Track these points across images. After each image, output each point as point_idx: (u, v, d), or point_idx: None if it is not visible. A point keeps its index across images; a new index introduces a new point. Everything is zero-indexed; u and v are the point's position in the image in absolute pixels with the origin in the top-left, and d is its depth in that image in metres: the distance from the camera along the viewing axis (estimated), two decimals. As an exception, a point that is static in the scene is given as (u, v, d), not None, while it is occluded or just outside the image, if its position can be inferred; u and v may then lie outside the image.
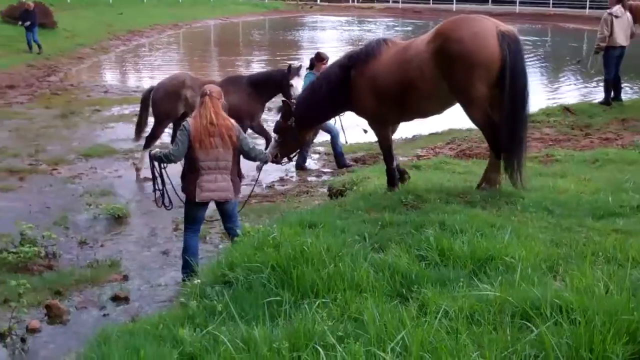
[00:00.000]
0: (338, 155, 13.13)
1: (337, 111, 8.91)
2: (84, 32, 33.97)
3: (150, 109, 12.33)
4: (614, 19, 15.55)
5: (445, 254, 5.56)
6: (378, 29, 48.70)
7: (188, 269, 7.17)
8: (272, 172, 12.51)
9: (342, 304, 4.73)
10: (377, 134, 8.69)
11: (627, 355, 3.54)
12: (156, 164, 7.70)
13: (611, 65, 15.87)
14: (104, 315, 6.84)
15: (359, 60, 8.15)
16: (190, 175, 7.32)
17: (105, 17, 40.20)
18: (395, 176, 8.51)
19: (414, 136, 15.88)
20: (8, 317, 6.35)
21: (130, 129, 16.13)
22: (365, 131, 15.51)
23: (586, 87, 23.08)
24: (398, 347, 3.77)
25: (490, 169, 7.85)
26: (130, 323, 5.66)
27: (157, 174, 7.79)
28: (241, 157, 7.70)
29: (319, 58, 12.90)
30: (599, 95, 18.39)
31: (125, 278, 7.75)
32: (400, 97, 7.84)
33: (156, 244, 8.83)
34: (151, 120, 12.46)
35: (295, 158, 10.47)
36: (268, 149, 9.32)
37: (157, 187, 7.91)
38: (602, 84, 17.48)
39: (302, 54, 32.36)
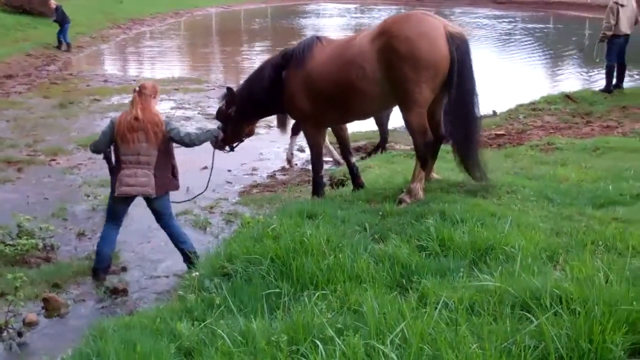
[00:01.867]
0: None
1: (274, 110, 8.69)
2: (83, 20, 33.84)
3: None
4: (619, 7, 15.64)
5: (445, 244, 5.54)
6: (386, 15, 48.48)
7: (100, 257, 7.40)
8: (274, 161, 12.52)
9: (342, 296, 4.71)
10: (308, 139, 8.39)
11: (626, 346, 3.52)
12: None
13: (614, 52, 15.96)
14: (102, 307, 6.81)
15: (291, 59, 7.80)
16: (116, 169, 7.39)
17: (106, 6, 40.08)
18: (322, 185, 8.40)
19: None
20: (5, 311, 6.31)
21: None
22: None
23: (587, 74, 23.00)
24: (397, 339, 3.74)
25: (414, 180, 7.35)
26: (127, 316, 5.63)
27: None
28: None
29: None
30: (600, 82, 18.34)
31: (124, 269, 7.72)
32: (339, 99, 7.48)
33: (155, 235, 8.78)
34: None
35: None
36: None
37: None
38: (603, 71, 17.43)
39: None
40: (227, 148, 8.57)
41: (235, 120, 8.30)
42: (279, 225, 6.16)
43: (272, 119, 15.34)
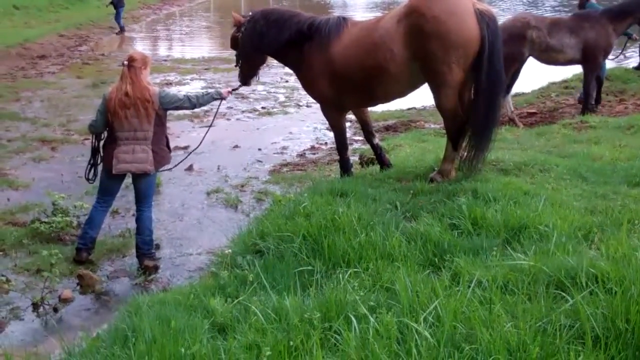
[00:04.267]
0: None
1: (277, 59, 8.41)
2: (114, 1, 33.98)
3: None
4: None
5: (478, 222, 5.51)
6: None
7: (84, 240, 7.23)
8: (304, 140, 12.52)
9: (374, 274, 4.72)
10: (330, 122, 8.33)
11: (665, 326, 3.47)
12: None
13: (649, 29, 15.57)
14: (136, 284, 6.87)
15: (316, 35, 7.56)
16: (109, 146, 7.17)
17: (136, -14, 40.19)
18: (349, 166, 8.31)
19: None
20: (41, 287, 6.41)
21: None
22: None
23: (620, 52, 22.54)
24: (430, 317, 3.74)
25: (445, 160, 7.34)
26: (162, 293, 5.69)
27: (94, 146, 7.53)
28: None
29: None
30: (633, 60, 18.02)
31: (157, 247, 7.78)
32: (365, 82, 7.34)
33: (188, 213, 8.84)
34: None
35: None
36: None
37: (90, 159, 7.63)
38: (636, 48, 17.11)
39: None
40: (238, 84, 8.43)
41: (244, 46, 8.05)
42: (310, 203, 6.17)
43: (300, 99, 15.40)
